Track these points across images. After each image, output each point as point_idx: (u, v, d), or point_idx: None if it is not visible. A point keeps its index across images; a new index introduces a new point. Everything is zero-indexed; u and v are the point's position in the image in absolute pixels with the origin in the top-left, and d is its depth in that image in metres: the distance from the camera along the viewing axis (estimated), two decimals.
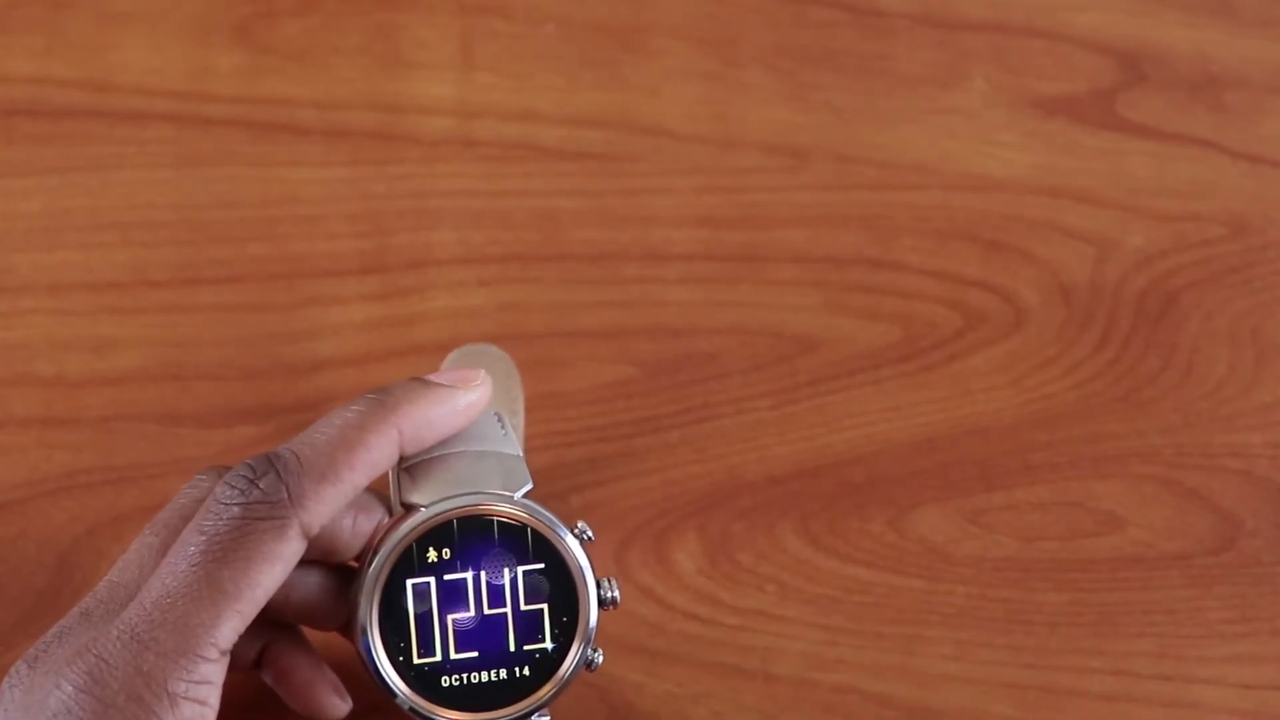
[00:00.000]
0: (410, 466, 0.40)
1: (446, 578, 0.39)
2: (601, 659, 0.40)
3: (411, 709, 0.39)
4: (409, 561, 0.39)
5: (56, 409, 0.50)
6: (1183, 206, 0.56)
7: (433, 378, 0.40)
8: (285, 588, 0.41)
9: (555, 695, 0.40)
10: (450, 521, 0.39)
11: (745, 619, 0.48)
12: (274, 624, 0.43)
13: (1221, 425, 0.52)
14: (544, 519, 0.40)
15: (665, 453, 0.51)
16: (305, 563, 0.41)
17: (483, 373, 0.41)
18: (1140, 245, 0.56)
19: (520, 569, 0.40)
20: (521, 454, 0.41)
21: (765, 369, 0.52)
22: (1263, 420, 0.52)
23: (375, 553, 0.39)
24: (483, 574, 0.39)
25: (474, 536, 0.39)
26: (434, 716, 0.39)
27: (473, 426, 0.41)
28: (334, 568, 0.41)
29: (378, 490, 0.42)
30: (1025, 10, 0.60)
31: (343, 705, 0.43)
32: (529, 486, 0.40)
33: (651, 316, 0.53)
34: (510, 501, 0.40)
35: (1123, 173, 0.57)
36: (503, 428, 0.42)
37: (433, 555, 0.39)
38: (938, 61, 0.59)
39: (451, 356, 0.48)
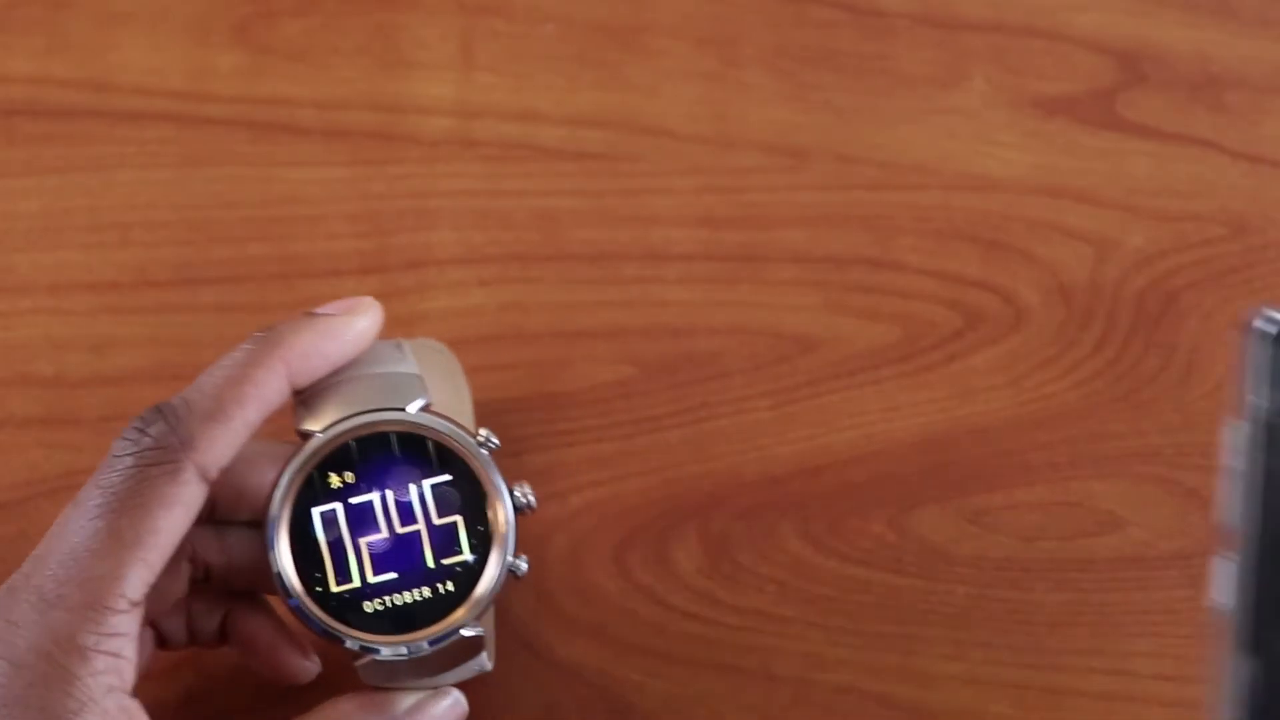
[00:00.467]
0: (306, 397, 0.39)
1: (353, 501, 0.38)
2: (526, 566, 0.39)
3: (341, 637, 0.38)
4: (312, 490, 0.38)
5: (56, 409, 0.50)
6: (1183, 206, 0.56)
7: (321, 309, 0.40)
8: (225, 552, 0.41)
9: (483, 608, 0.39)
10: (348, 444, 0.38)
11: (745, 619, 0.48)
12: (230, 593, 0.42)
13: (1221, 425, 0.52)
14: (443, 429, 0.39)
15: (665, 453, 0.51)
16: (242, 524, 0.41)
17: (370, 299, 0.40)
18: (1140, 245, 0.56)
19: (427, 482, 0.39)
20: (418, 372, 0.40)
21: (765, 369, 0.52)
22: None
23: (276, 487, 0.38)
24: (389, 492, 0.38)
25: (375, 456, 0.39)
26: (367, 643, 0.38)
27: (368, 353, 0.40)
28: None
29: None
30: (1025, 10, 0.60)
31: (311, 666, 0.42)
32: (424, 400, 0.39)
33: (651, 316, 0.53)
34: (405, 415, 0.39)
35: (1123, 173, 0.57)
36: (400, 352, 0.41)
37: (335, 481, 0.38)
38: (938, 61, 0.59)
39: None
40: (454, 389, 0.47)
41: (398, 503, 0.38)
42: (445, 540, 0.39)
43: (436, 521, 0.39)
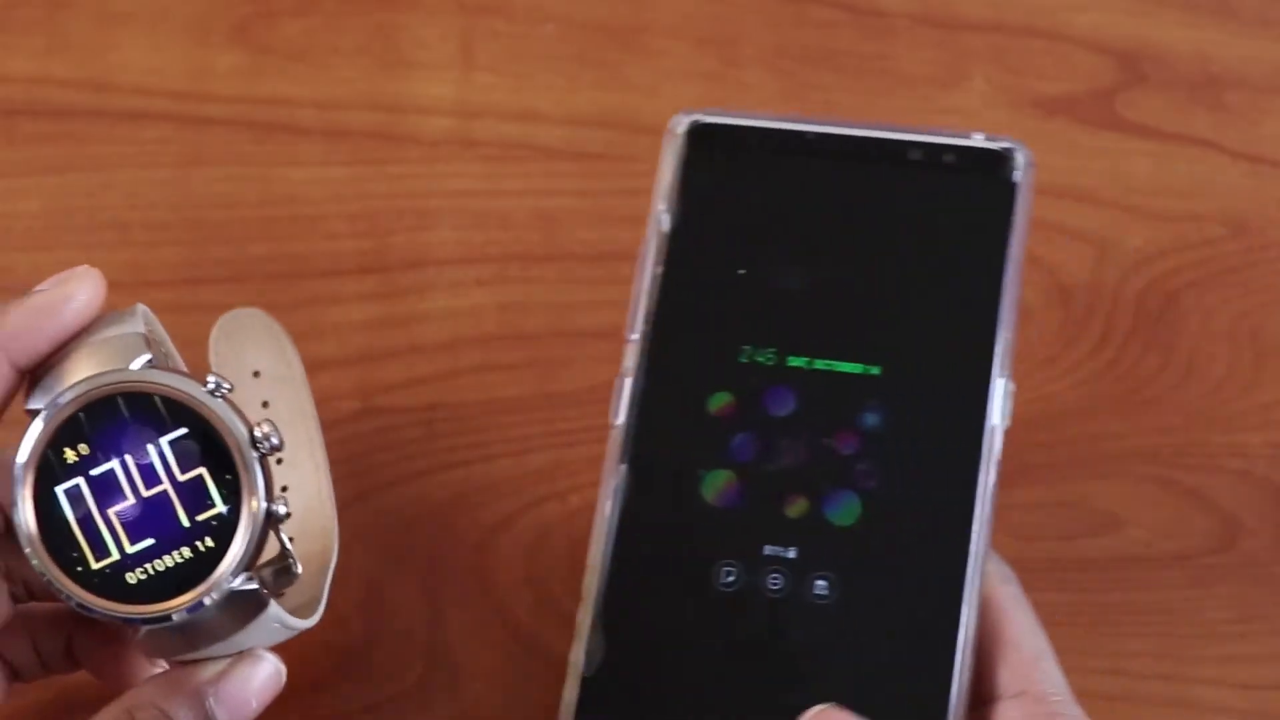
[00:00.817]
0: (37, 375, 0.38)
1: (93, 473, 0.37)
2: (285, 509, 0.37)
3: (104, 614, 0.37)
4: (49, 470, 0.37)
5: None
6: (1183, 206, 0.56)
7: (37, 287, 0.39)
8: (29, 569, 0.39)
9: (247, 557, 0.37)
10: (75, 415, 0.37)
11: None
12: (69, 616, 0.42)
13: (1221, 425, 0.52)
14: (168, 382, 0.37)
15: None
16: None
17: (85, 268, 0.39)
18: (1140, 245, 0.55)
19: (163, 440, 0.37)
20: (144, 331, 0.38)
21: None
22: (1263, 420, 0.52)
23: (12, 473, 0.37)
24: (127, 457, 0.37)
25: (105, 422, 0.37)
26: (135, 615, 0.37)
27: (94, 323, 0.39)
28: None
29: None
30: (1025, 10, 0.60)
31: (157, 672, 0.41)
32: (146, 357, 0.38)
33: None
34: (125, 375, 0.37)
35: (1123, 173, 0.57)
36: (130, 315, 0.39)
37: (71, 455, 0.37)
38: (938, 61, 0.59)
39: (217, 324, 0.47)
40: (279, 354, 0.47)
41: (138, 465, 0.37)
42: (194, 496, 0.37)
43: (181, 478, 0.37)
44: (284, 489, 0.44)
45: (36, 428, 0.37)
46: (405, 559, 0.47)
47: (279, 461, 0.43)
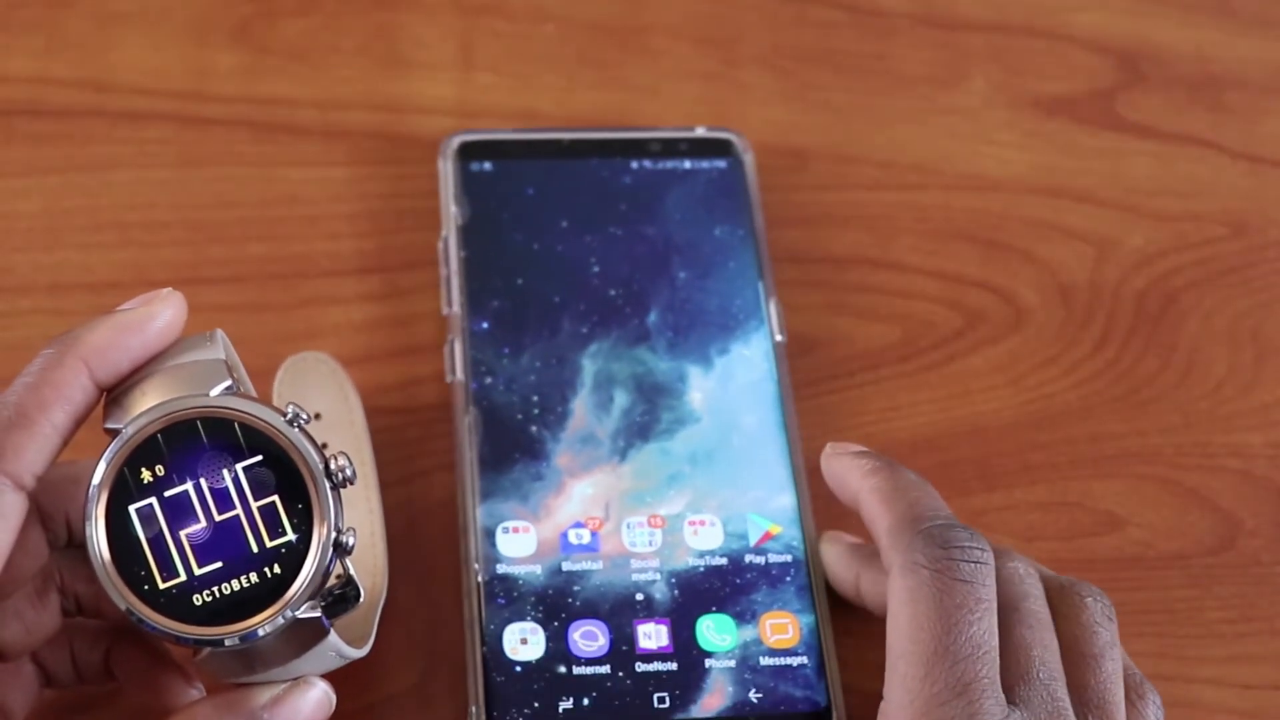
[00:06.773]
0: (113, 395, 0.39)
1: (167, 494, 0.38)
2: (354, 540, 0.38)
3: (169, 634, 0.38)
4: (125, 488, 0.38)
5: None
6: (1182, 206, 0.56)
7: (121, 306, 0.39)
8: (90, 583, 0.40)
9: (313, 586, 0.38)
10: (154, 436, 0.38)
11: None
12: (110, 629, 0.42)
13: (1221, 425, 0.52)
14: (247, 410, 0.38)
15: None
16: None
17: (170, 290, 0.39)
18: (1140, 245, 0.56)
19: (239, 466, 0.38)
20: (224, 357, 0.39)
21: None
22: (1262, 420, 0.52)
23: (88, 490, 0.38)
24: (202, 481, 0.38)
25: (182, 445, 0.38)
26: (200, 637, 0.37)
27: (174, 346, 0.39)
28: None
29: None
30: (1025, 10, 0.60)
31: (194, 694, 0.42)
32: (226, 384, 0.38)
33: None
34: (207, 400, 0.38)
35: (1122, 173, 0.57)
36: (210, 341, 0.40)
37: (147, 476, 0.38)
38: (938, 61, 0.59)
39: (283, 366, 0.48)
40: (341, 398, 0.48)
41: (213, 490, 0.38)
42: (266, 523, 0.38)
43: (254, 505, 0.38)
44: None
45: (114, 446, 0.38)
46: (405, 559, 0.47)
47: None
